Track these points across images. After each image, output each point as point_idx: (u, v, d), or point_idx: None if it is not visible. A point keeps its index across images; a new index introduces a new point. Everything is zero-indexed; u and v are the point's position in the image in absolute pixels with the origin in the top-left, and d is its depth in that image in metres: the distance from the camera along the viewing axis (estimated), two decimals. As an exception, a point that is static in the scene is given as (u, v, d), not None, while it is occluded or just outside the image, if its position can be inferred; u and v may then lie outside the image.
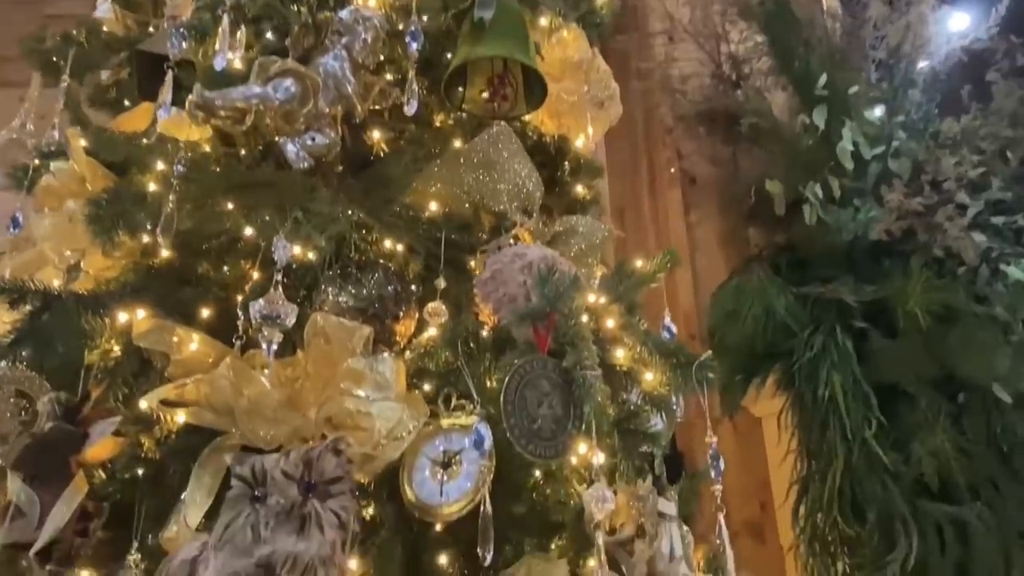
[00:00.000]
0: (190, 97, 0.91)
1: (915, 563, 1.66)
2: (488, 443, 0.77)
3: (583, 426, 0.80)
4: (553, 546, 0.86)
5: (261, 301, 0.85)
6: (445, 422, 0.85)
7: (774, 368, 2.06)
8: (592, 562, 0.80)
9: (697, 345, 2.99)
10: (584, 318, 0.89)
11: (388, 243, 1.05)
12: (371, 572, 0.87)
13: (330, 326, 0.88)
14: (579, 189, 1.39)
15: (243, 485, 0.66)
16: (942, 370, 1.79)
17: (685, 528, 0.95)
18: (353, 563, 0.91)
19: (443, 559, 0.91)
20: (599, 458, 0.78)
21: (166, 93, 0.93)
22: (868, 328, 1.91)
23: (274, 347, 0.84)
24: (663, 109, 2.88)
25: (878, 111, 2.15)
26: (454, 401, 0.87)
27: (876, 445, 1.76)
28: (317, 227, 0.97)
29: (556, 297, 0.81)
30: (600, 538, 0.76)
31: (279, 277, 0.87)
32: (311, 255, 1.04)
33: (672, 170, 3.18)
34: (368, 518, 0.87)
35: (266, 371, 0.92)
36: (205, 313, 1.05)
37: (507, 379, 0.78)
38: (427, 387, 0.92)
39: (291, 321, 0.86)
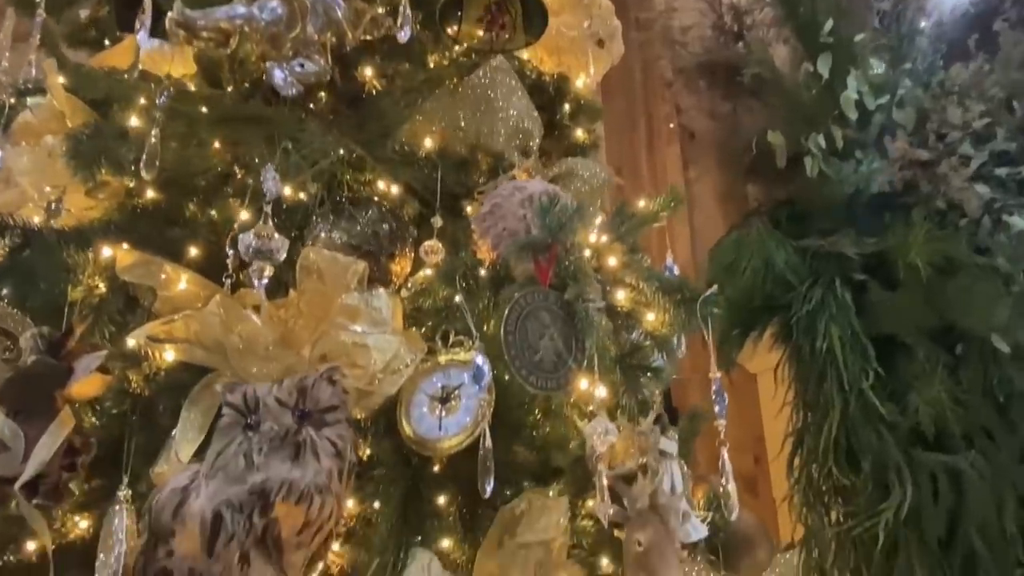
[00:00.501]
0: (170, 14, 0.86)
1: (908, 511, 1.67)
2: (487, 377, 0.75)
3: (584, 360, 0.78)
4: (552, 491, 0.84)
5: (250, 234, 0.81)
6: (443, 358, 0.83)
7: (772, 322, 2.05)
8: (592, 502, 0.79)
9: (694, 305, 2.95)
10: (587, 253, 0.86)
11: (382, 183, 1.02)
12: (369, 510, 0.86)
13: (323, 261, 0.84)
14: (579, 133, 1.35)
15: (235, 413, 0.63)
16: (941, 321, 1.78)
17: (685, 467, 0.94)
18: (351, 502, 0.90)
19: (442, 498, 0.90)
20: (600, 392, 0.76)
21: (146, 16, 0.88)
22: (867, 280, 1.89)
23: (264, 282, 0.81)
24: (663, 62, 2.80)
25: (881, 63, 2.10)
26: (452, 338, 0.84)
27: (873, 396, 1.76)
28: (307, 159, 0.93)
29: (558, 228, 0.78)
30: (602, 471, 0.74)
31: (268, 209, 0.83)
32: (302, 195, 1.00)
33: (671, 125, 3.12)
34: (365, 456, 0.85)
35: (258, 309, 0.89)
36: (193, 253, 1.02)
37: (507, 310, 0.76)
38: (424, 326, 0.90)
39: (281, 255, 0.83)
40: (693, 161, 3.19)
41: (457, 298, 0.79)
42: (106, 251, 0.93)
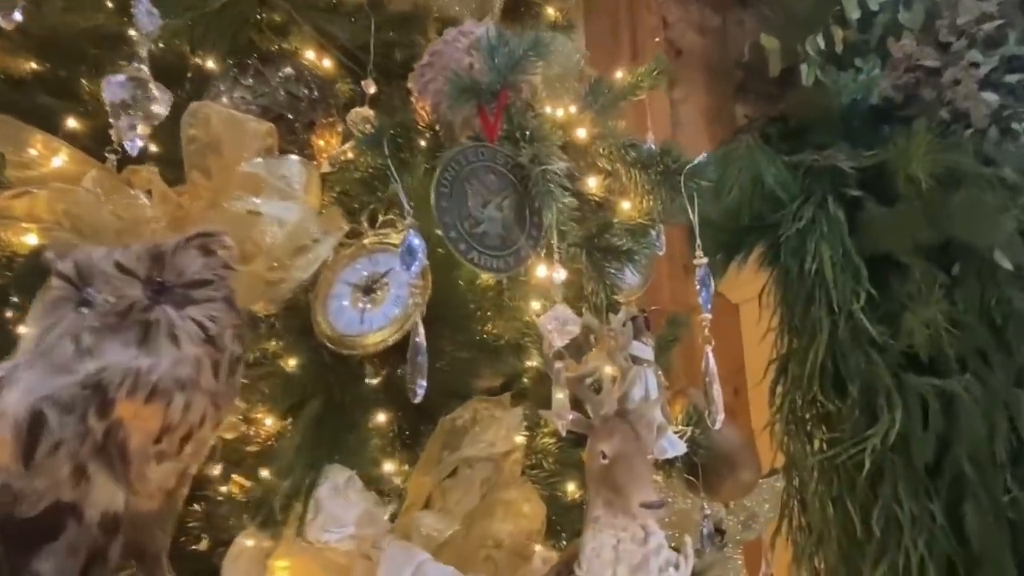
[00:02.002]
0: None
1: (896, 437, 1.59)
2: (420, 258, 0.60)
3: (541, 238, 0.63)
4: (503, 400, 0.70)
5: (121, 77, 0.64)
6: (369, 241, 0.67)
7: (758, 244, 1.92)
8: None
9: (677, 233, 2.85)
10: (547, 109, 0.70)
11: (301, 39, 0.83)
12: (290, 430, 0.72)
13: (217, 118, 0.67)
14: (549, 11, 1.17)
15: (65, 285, 0.48)
16: (940, 238, 1.66)
17: (661, 377, 0.81)
18: (269, 420, 0.76)
19: (382, 415, 0.77)
20: (559, 275, 0.62)
21: None
22: (863, 196, 1.76)
23: (138, 142, 0.64)
24: (649, -32, 2.58)
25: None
26: (381, 218, 0.69)
27: (863, 318, 1.66)
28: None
29: (509, 68, 0.61)
30: (560, 370, 0.60)
31: (144, 52, 0.65)
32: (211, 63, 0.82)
33: (656, 40, 2.92)
34: (275, 357, 0.71)
35: (149, 189, 0.72)
36: (72, 125, 0.84)
37: (441, 167, 0.60)
38: (351, 209, 0.73)
39: (161, 110, 0.66)
40: (680, 80, 2.99)
41: (386, 164, 0.63)
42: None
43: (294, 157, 0.69)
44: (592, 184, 0.84)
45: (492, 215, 0.60)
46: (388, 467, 0.74)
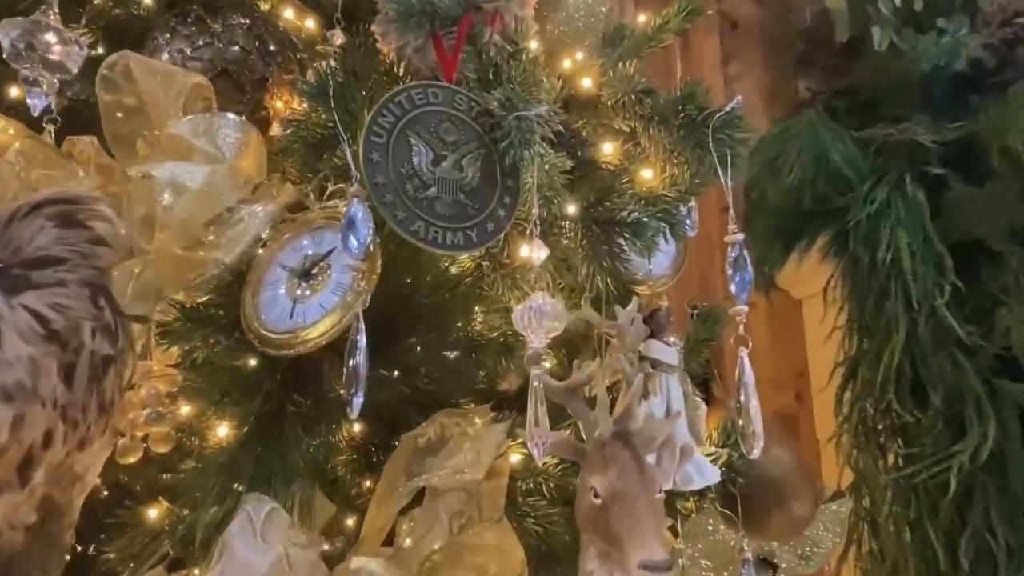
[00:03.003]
0: None
1: (988, 454, 1.36)
2: (364, 233, 0.47)
3: (516, 203, 0.48)
4: (480, 414, 0.57)
5: (23, 21, 0.53)
6: (313, 214, 0.55)
7: (823, 232, 1.70)
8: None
9: (731, 220, 2.63)
10: (533, 44, 0.55)
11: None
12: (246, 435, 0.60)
13: (139, 70, 0.56)
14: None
15: None
16: (1042, 220, 1.42)
17: (689, 385, 0.65)
18: (223, 430, 0.65)
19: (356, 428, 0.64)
20: (539, 254, 0.47)
21: None
22: (947, 174, 1.53)
23: (44, 100, 0.54)
24: (700, -70, 2.37)
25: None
26: (330, 187, 0.56)
27: (949, 315, 1.43)
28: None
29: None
30: (538, 377, 0.46)
31: (52, -7, 0.55)
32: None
33: (709, 12, 2.71)
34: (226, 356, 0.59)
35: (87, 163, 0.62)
36: (16, 94, 0.75)
37: (374, 111, 0.46)
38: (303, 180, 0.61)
39: (72, 64, 0.55)
40: (734, 55, 2.77)
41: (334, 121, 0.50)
42: None
43: (230, 115, 0.57)
44: (608, 151, 0.69)
45: (448, 175, 0.47)
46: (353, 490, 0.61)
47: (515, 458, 0.65)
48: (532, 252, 0.47)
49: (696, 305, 0.90)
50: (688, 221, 0.72)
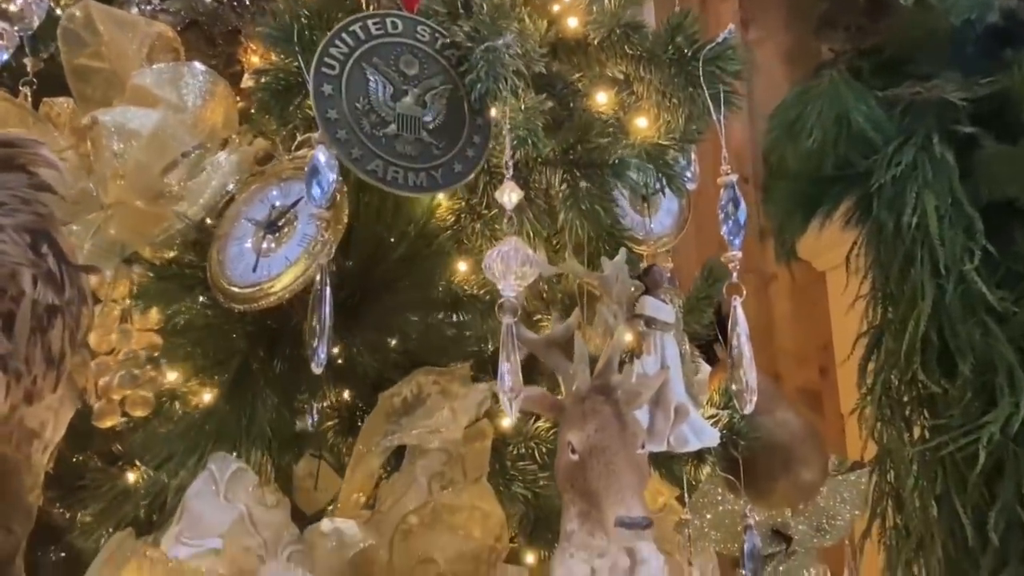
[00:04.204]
0: None
1: (1021, 425, 1.30)
2: (328, 179, 0.44)
3: (487, 143, 0.45)
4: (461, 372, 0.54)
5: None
6: (282, 165, 0.52)
7: (846, 197, 1.63)
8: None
9: (751, 191, 2.56)
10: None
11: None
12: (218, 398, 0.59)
13: (100, 16, 0.54)
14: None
15: None
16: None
17: (687, 344, 0.61)
18: (208, 395, 0.63)
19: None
20: (511, 196, 0.44)
21: None
22: (978, 133, 1.45)
23: (4, 54, 0.52)
24: None
25: None
26: (299, 137, 0.53)
27: (979, 280, 1.36)
28: None
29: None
30: (510, 326, 0.43)
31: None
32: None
33: (727, -27, 2.63)
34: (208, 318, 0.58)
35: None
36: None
37: (324, 42, 0.43)
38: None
39: (35, 17, 0.53)
40: (754, 19, 2.69)
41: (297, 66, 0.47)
42: None
43: (196, 64, 0.55)
44: (602, 100, 0.65)
45: (409, 112, 0.43)
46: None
47: (506, 422, 0.63)
48: (504, 195, 0.44)
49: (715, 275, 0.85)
50: (688, 173, 0.68)
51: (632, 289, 0.60)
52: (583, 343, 0.45)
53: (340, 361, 0.63)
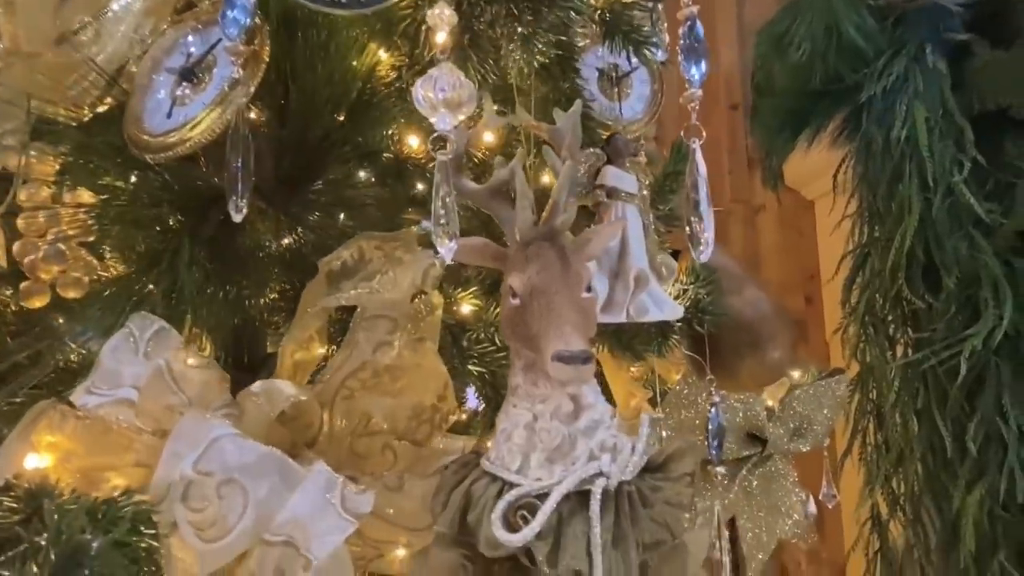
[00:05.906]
0: None
1: (1003, 337, 1.28)
2: (243, 7, 0.39)
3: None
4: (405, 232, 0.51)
5: None
6: (201, 7, 0.47)
7: (834, 113, 1.58)
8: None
9: (740, 117, 2.49)
10: None
11: None
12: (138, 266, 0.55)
13: None
14: None
15: None
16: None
17: (651, 218, 0.58)
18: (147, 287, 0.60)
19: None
20: (443, 12, 0.39)
21: None
22: (972, 39, 1.39)
23: None
24: None
25: None
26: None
27: (966, 191, 1.32)
28: None
29: None
30: (444, 162, 0.39)
31: None
32: None
33: None
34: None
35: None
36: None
37: None
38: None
39: None
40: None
41: None
42: None
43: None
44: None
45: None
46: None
47: (465, 308, 0.60)
48: (435, 11, 0.39)
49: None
50: (655, 39, 0.64)
51: (594, 156, 0.57)
52: (526, 184, 0.41)
53: (287, 252, 0.59)
